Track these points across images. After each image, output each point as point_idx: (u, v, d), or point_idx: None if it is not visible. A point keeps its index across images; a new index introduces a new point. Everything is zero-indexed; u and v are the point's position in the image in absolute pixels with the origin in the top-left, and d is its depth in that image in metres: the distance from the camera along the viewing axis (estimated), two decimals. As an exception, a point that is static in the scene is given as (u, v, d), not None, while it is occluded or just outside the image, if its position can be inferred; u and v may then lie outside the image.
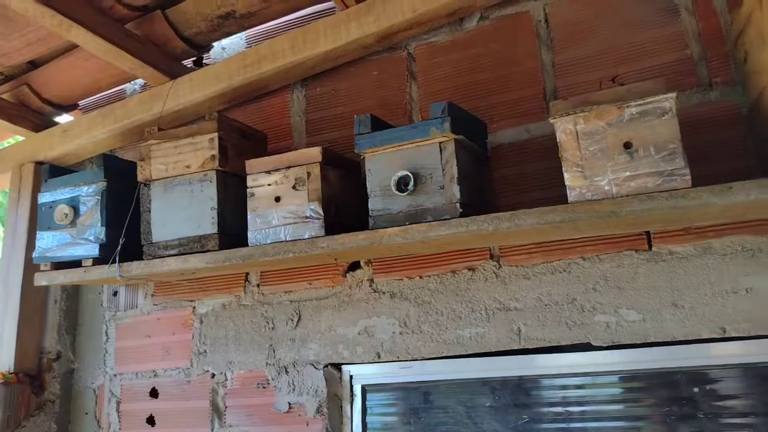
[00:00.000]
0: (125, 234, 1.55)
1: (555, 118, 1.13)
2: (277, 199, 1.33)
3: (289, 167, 1.33)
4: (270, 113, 1.76)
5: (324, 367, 1.50)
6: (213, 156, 1.42)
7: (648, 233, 1.28)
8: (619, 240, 1.30)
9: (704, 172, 1.18)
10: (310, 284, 1.57)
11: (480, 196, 1.31)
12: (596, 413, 1.29)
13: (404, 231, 1.20)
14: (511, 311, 1.36)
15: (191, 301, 1.72)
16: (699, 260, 1.23)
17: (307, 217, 1.29)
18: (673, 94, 1.05)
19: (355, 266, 1.55)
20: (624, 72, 1.37)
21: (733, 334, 1.17)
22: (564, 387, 1.33)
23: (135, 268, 1.48)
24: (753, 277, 1.18)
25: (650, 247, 1.27)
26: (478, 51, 1.53)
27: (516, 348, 1.34)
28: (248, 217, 1.35)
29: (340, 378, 1.53)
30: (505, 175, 1.44)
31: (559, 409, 1.32)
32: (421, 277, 1.47)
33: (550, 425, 1.32)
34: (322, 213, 1.28)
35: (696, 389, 1.23)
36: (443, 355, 1.40)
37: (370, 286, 1.52)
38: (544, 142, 1.40)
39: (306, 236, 1.28)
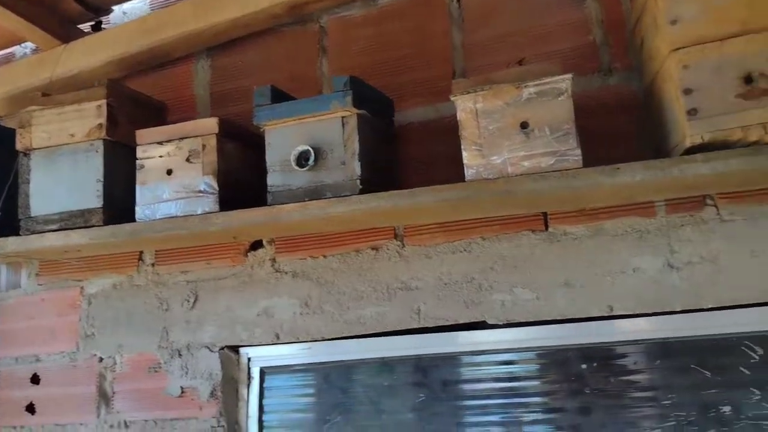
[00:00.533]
0: (3, 207, 1.41)
1: (456, 96, 1.12)
2: (169, 172, 1.25)
3: (182, 138, 1.25)
4: (172, 84, 1.66)
5: (220, 349, 1.44)
6: (100, 124, 1.31)
7: (545, 214, 1.30)
8: (518, 221, 1.31)
9: (603, 155, 1.19)
10: (209, 264, 1.50)
11: (385, 174, 1.29)
12: (490, 390, 1.31)
13: (303, 207, 1.16)
14: (413, 290, 1.35)
15: (79, 281, 1.60)
16: (591, 241, 1.26)
17: (200, 192, 1.22)
18: (569, 76, 1.06)
19: (257, 245, 1.49)
20: (530, 54, 1.38)
21: (620, 313, 1.22)
22: (460, 365, 1.34)
23: (10, 244, 1.35)
24: (640, 257, 1.23)
25: (547, 227, 1.30)
26: (391, 27, 1.50)
27: (415, 327, 1.33)
28: (137, 190, 1.26)
29: (238, 361, 1.47)
30: (413, 154, 1.43)
31: (455, 387, 1.33)
32: (324, 257, 1.43)
33: (445, 403, 1.33)
34: (217, 187, 1.21)
35: (584, 366, 1.27)
36: (344, 335, 1.37)
37: (272, 265, 1.46)
38: (452, 122, 1.39)
39: (199, 212, 1.21)
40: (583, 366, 1.26)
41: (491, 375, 1.32)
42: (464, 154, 1.11)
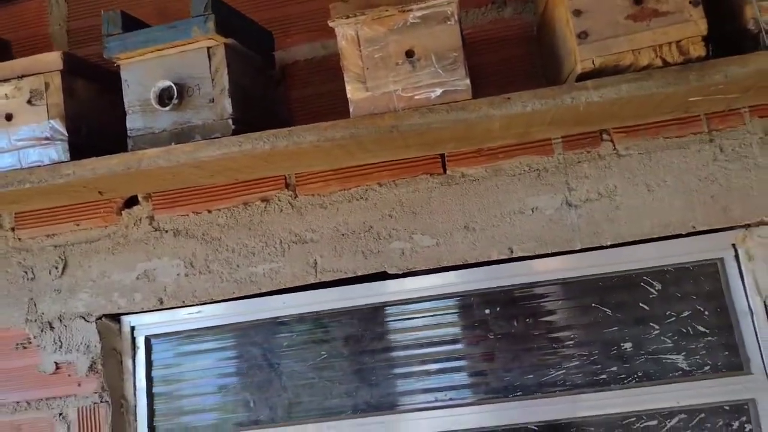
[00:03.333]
0: None
1: (335, 21, 1.00)
2: (9, 117, 1.06)
3: (21, 77, 1.06)
4: (24, 20, 1.44)
5: (97, 319, 1.29)
6: None
7: (443, 156, 1.23)
8: (415, 164, 1.23)
9: (498, 92, 1.12)
10: (78, 225, 1.33)
11: (265, 114, 1.16)
12: (392, 342, 1.25)
13: (167, 152, 1.02)
14: (308, 243, 1.25)
15: (-75, 252, 1.39)
16: (490, 182, 1.20)
17: (46, 139, 1.05)
18: (455, -2, 0.96)
19: (132, 202, 1.33)
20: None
21: (520, 254, 1.17)
22: (360, 320, 1.26)
23: None
24: (538, 196, 1.18)
25: (445, 170, 1.22)
26: (275, -46, 1.35)
27: (312, 282, 1.24)
28: (-29, 140, 1.07)
29: (119, 330, 1.33)
30: (302, 95, 1.30)
31: (356, 342, 1.26)
32: (209, 212, 1.30)
33: (347, 359, 1.26)
34: (66, 133, 1.05)
35: (487, 311, 1.22)
36: (235, 296, 1.26)
37: (150, 224, 1.32)
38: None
39: (46, 162, 1.04)
40: (486, 311, 1.22)
41: (394, 327, 1.26)
42: (347, 87, 1.00)
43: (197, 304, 1.29)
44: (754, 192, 1.12)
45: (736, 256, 1.15)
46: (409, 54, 0.98)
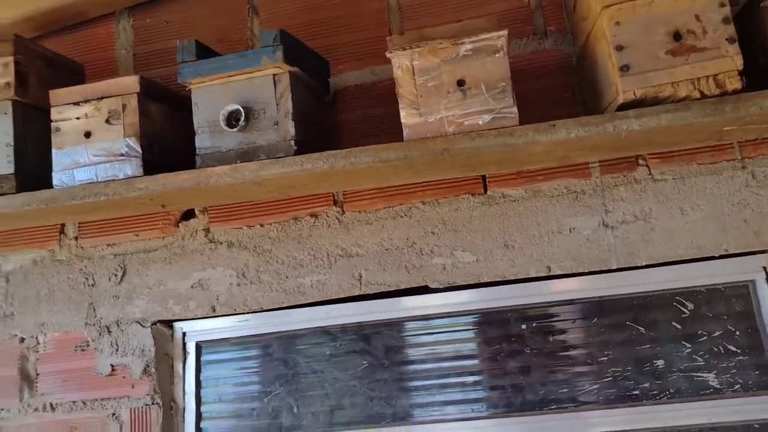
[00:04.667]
0: None
1: (392, 52, 1.08)
2: (87, 135, 1.16)
3: (101, 98, 1.16)
4: (92, 44, 1.55)
5: (152, 324, 1.37)
6: (8, 83, 1.20)
7: (484, 177, 1.29)
8: (457, 184, 1.30)
9: (539, 118, 1.18)
10: (137, 235, 1.42)
11: (320, 136, 1.25)
12: (433, 354, 1.30)
13: (234, 170, 1.10)
14: (353, 257, 1.32)
15: (-5, 257, 1.49)
16: (529, 203, 1.27)
17: (122, 155, 1.14)
18: (504, 32, 1.04)
19: (189, 215, 1.42)
20: (466, 17, 1.35)
21: (558, 272, 1.23)
22: (403, 331, 1.33)
23: None
24: (576, 217, 1.24)
25: (486, 190, 1.29)
26: (325, -12, 1.44)
27: (357, 294, 1.31)
28: (53, 155, 1.17)
29: (172, 336, 1.41)
30: (351, 118, 1.39)
31: (398, 352, 1.32)
32: (261, 225, 1.38)
33: (389, 369, 1.32)
34: (140, 150, 1.13)
35: (524, 326, 1.28)
36: (283, 305, 1.33)
37: (206, 236, 1.40)
38: (389, 86, 1.36)
39: (121, 176, 1.13)
40: (523, 326, 1.27)
41: (434, 340, 1.32)
42: (402, 113, 1.08)
43: (247, 312, 1.36)
44: (785, 218, 1.17)
45: (767, 279, 1.19)
46: (461, 83, 1.06)
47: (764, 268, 1.20)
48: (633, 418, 1.19)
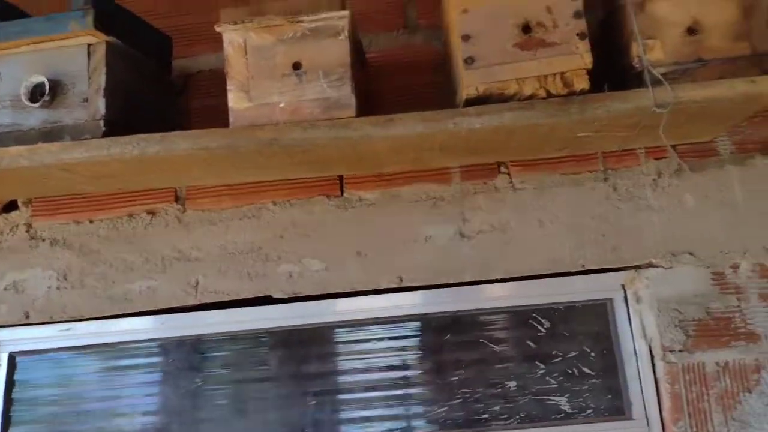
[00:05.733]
0: None
1: (222, 27, 0.96)
2: None
3: None
4: None
5: (-49, 330, 1.18)
6: None
7: (341, 177, 1.19)
8: (312, 184, 1.19)
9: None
10: (-57, 226, 1.22)
11: (158, 122, 1.10)
12: (271, 370, 1.17)
13: (31, 151, 0.94)
14: (191, 261, 1.18)
15: None
16: (386, 207, 1.17)
17: None
18: (346, 12, 0.94)
19: (11, 206, 1.24)
20: (337, 7, 1.25)
21: (409, 284, 1.13)
22: (239, 345, 1.19)
23: None
24: (433, 225, 1.15)
25: (342, 192, 1.18)
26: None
27: (192, 303, 1.16)
28: None
29: (-24, 344, 1.22)
30: (204, 104, 1.26)
31: (234, 367, 1.18)
32: (91, 221, 1.21)
33: (223, 386, 1.17)
34: None
35: (369, 343, 1.17)
36: (106, 314, 1.17)
37: (27, 231, 1.22)
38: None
39: None
40: (367, 345, 1.16)
41: (273, 354, 1.19)
42: (229, 96, 0.95)
43: (65, 321, 1.18)
44: (645, 233, 1.12)
45: (625, 298, 1.14)
46: (296, 66, 0.95)
47: (622, 286, 1.14)
48: (484, 445, 1.10)
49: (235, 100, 0.95)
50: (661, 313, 1.09)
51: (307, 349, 1.18)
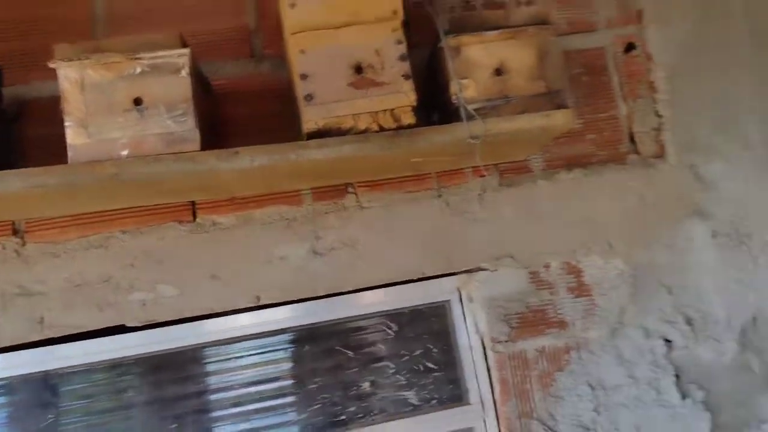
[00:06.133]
0: None
1: (57, 63, 0.95)
2: None
3: None
4: None
5: None
6: None
7: (193, 203, 1.21)
8: (163, 211, 1.20)
9: (251, 142, 1.13)
10: None
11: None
12: (128, 399, 1.17)
13: None
14: (35, 296, 1.13)
15: None
16: (240, 230, 1.21)
17: None
18: (186, 51, 0.97)
19: None
20: (189, 30, 1.26)
21: (267, 302, 1.19)
22: (96, 376, 1.17)
23: None
24: (287, 245, 1.21)
25: (195, 218, 1.21)
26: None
27: (38, 339, 1.12)
28: None
29: None
30: (40, 134, 1.19)
31: (86, 401, 1.16)
32: None
33: (76, 419, 1.15)
34: None
35: (230, 362, 1.21)
36: (-62, 358, 1.09)
37: None
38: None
39: None
40: (228, 364, 1.21)
41: (126, 385, 1.19)
42: (67, 132, 0.94)
43: None
44: (474, 242, 1.28)
45: (460, 299, 1.29)
46: (138, 102, 0.96)
47: (458, 289, 1.29)
48: (343, 444, 1.19)
49: (73, 135, 0.94)
50: (489, 310, 1.26)
51: (167, 374, 1.19)
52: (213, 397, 1.19)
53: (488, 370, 1.26)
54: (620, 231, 1.33)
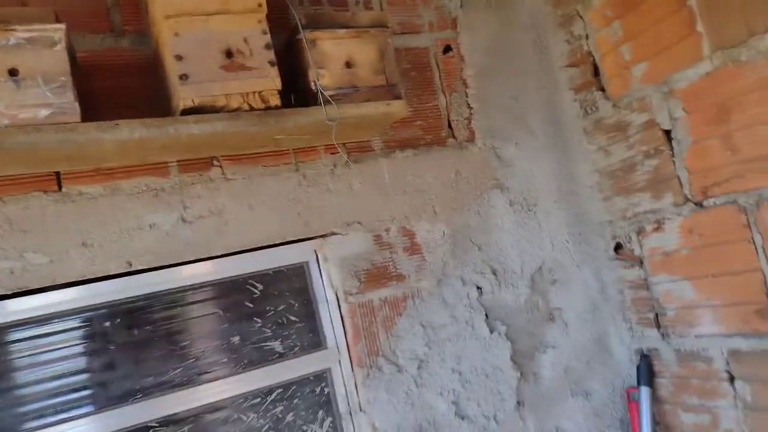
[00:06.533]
0: None
1: None
2: None
3: None
4: None
5: None
6: None
7: (58, 173, 1.24)
8: (26, 181, 1.21)
9: (113, 115, 1.20)
10: None
11: None
12: (29, 361, 1.19)
13: None
14: None
15: None
16: (108, 200, 1.27)
17: None
18: (62, 26, 1.03)
19: None
20: (38, 3, 1.27)
21: (138, 267, 1.28)
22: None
23: None
24: (156, 214, 1.31)
25: (60, 187, 1.24)
26: None
27: None
28: None
29: None
30: None
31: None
32: None
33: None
34: None
35: (107, 323, 1.28)
36: None
37: None
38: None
39: None
40: (107, 323, 1.28)
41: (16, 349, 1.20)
42: (-64, 99, 0.95)
43: None
44: (327, 210, 1.48)
45: (317, 260, 1.49)
46: (13, 72, 1.00)
47: (315, 251, 1.49)
48: (215, 392, 1.32)
49: (-57, 103, 0.96)
50: (342, 268, 1.48)
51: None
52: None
53: (342, 318, 1.48)
54: (442, 200, 1.63)
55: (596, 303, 1.80)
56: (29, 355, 1.22)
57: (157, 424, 1.28)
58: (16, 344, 1.22)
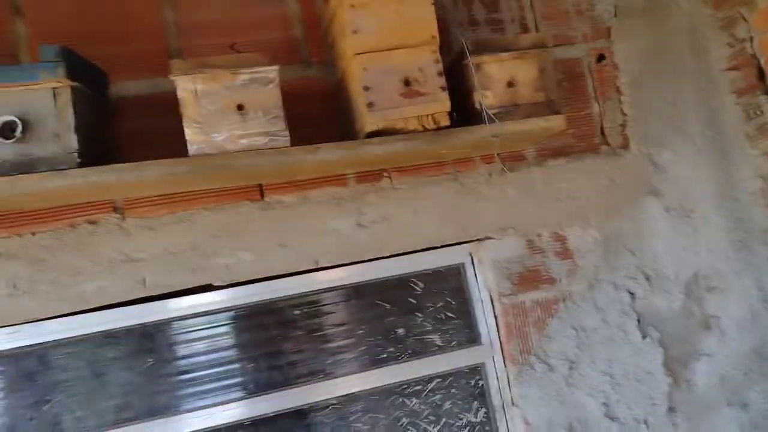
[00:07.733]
0: None
1: (176, 76, 1.20)
2: None
3: None
4: None
5: None
6: None
7: (261, 186, 1.48)
8: (236, 192, 1.47)
9: (304, 135, 1.40)
10: None
11: (101, 147, 1.29)
12: (216, 346, 1.46)
13: (12, 182, 1.10)
14: (137, 262, 1.39)
15: None
16: (300, 207, 1.49)
17: None
18: (276, 67, 1.24)
19: (-57, 225, 1.32)
20: (241, 41, 1.52)
21: (324, 265, 1.49)
22: (185, 327, 1.45)
23: None
24: (337, 219, 1.51)
25: (263, 197, 1.48)
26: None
27: (142, 297, 1.39)
28: None
29: (-73, 356, 1.31)
30: (130, 128, 1.44)
31: (183, 347, 1.44)
32: (33, 234, 1.36)
33: (174, 363, 1.43)
34: None
35: (296, 312, 1.51)
36: (63, 312, 1.34)
37: (-34, 247, 1.32)
38: (167, 98, 1.45)
39: None
40: (296, 312, 1.50)
41: (215, 333, 1.47)
42: (186, 131, 1.20)
43: (21, 324, 1.33)
44: (483, 216, 1.60)
45: (473, 262, 1.62)
46: (240, 107, 1.23)
47: (470, 254, 1.62)
48: (381, 377, 1.51)
49: (191, 134, 1.20)
50: (496, 270, 1.59)
51: (248, 323, 1.48)
52: (297, 333, 1.49)
53: (495, 317, 1.60)
54: (595, 206, 1.68)
55: (757, 312, 1.75)
56: (212, 343, 1.48)
57: (336, 402, 1.49)
58: (196, 332, 1.48)
